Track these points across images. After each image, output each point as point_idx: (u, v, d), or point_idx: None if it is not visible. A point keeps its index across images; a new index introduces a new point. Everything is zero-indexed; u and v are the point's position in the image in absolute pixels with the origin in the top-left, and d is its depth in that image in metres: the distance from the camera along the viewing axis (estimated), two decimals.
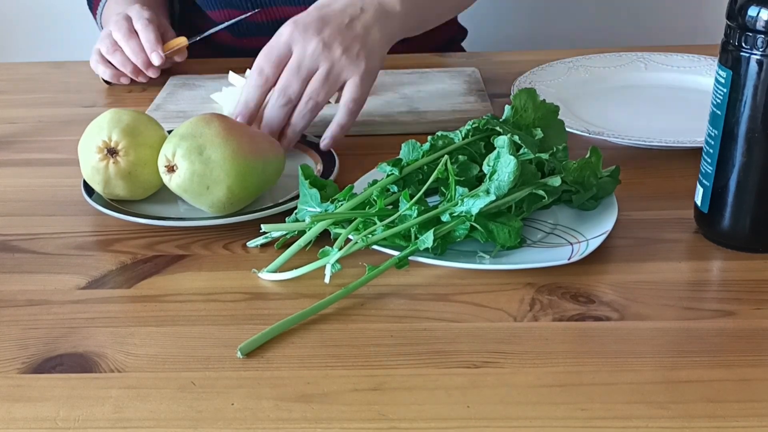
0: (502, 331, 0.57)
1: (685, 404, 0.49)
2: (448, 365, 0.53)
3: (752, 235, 0.64)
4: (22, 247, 0.68)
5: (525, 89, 0.71)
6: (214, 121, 0.67)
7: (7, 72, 1.13)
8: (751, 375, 0.52)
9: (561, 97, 0.92)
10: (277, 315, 0.58)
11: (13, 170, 0.83)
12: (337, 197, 0.66)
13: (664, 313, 0.58)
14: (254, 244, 0.67)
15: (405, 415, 0.49)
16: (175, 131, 0.67)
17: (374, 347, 0.55)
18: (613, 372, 0.52)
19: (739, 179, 0.62)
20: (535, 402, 0.50)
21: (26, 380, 0.53)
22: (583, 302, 0.59)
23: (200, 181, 0.66)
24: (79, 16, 1.68)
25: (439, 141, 0.68)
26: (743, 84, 0.60)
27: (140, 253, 0.67)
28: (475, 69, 1.03)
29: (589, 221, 0.67)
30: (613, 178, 0.70)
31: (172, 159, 0.66)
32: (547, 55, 1.04)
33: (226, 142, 0.66)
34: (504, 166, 0.61)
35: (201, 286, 0.63)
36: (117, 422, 0.50)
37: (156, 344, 0.56)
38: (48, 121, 0.95)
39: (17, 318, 0.60)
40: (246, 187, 0.67)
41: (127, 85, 1.05)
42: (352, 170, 0.78)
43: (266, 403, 0.51)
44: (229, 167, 0.66)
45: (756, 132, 0.60)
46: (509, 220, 0.63)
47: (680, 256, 0.65)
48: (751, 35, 0.58)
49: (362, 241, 0.61)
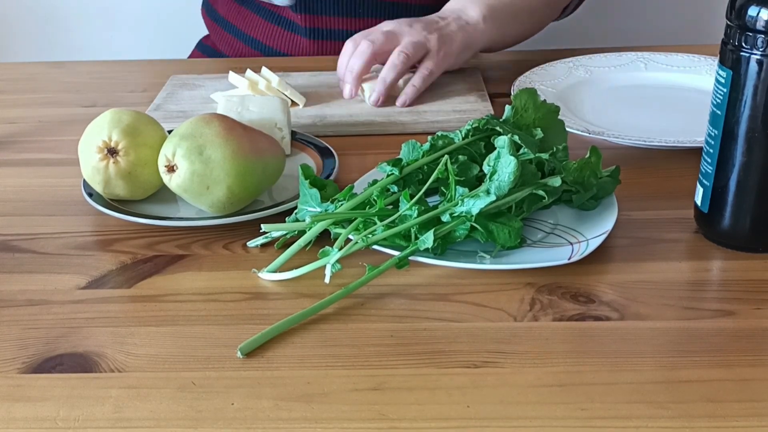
0: (502, 331, 0.57)
1: (685, 404, 0.50)
2: (448, 365, 0.53)
3: (752, 235, 0.64)
4: (22, 247, 0.68)
5: (525, 89, 0.71)
6: (214, 121, 0.67)
7: (7, 72, 1.13)
8: (751, 375, 0.52)
9: (561, 97, 0.92)
10: (277, 315, 0.58)
11: (13, 170, 0.83)
12: (337, 197, 0.66)
13: (664, 313, 0.58)
14: (254, 244, 0.67)
15: (405, 415, 0.49)
16: (175, 131, 0.67)
17: (374, 347, 0.55)
18: (613, 372, 0.52)
19: (739, 179, 0.62)
20: (535, 402, 0.50)
21: (26, 380, 0.53)
22: (583, 302, 0.59)
23: (200, 181, 0.66)
24: (79, 16, 1.69)
25: (439, 141, 0.68)
26: (743, 84, 0.60)
27: (140, 253, 0.67)
28: (475, 69, 1.03)
29: (589, 221, 0.67)
30: (613, 178, 0.70)
31: (172, 159, 0.66)
32: (547, 55, 1.04)
33: (226, 142, 0.66)
34: (504, 166, 0.61)
35: (201, 286, 0.63)
36: (117, 422, 0.50)
37: (156, 344, 0.56)
38: (48, 121, 0.95)
39: (17, 318, 0.60)
40: (246, 187, 0.67)
41: (127, 85, 1.05)
42: (352, 170, 0.78)
43: (266, 403, 0.51)
44: (229, 167, 0.66)
45: (756, 132, 0.60)
46: (509, 221, 0.63)
47: (680, 256, 0.65)
48: (751, 35, 0.58)
49: (362, 241, 0.61)
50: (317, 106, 0.94)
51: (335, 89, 0.98)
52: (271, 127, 0.80)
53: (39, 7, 1.68)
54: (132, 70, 1.12)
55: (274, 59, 1.12)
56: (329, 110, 0.93)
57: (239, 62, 1.10)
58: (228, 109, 0.81)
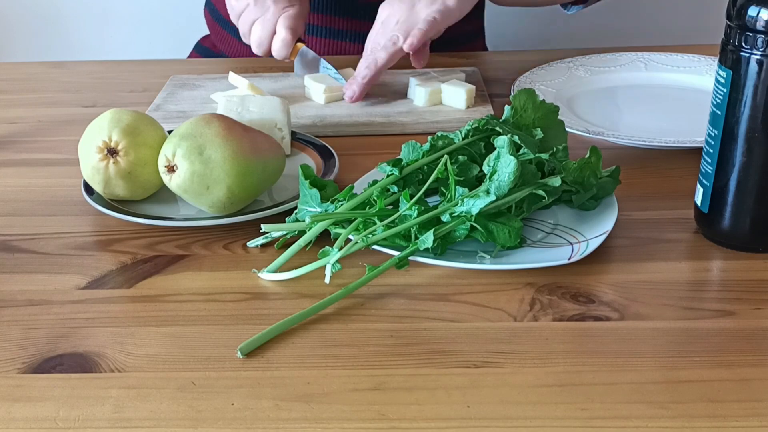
0: (502, 331, 0.57)
1: (685, 404, 0.50)
2: (448, 365, 0.53)
3: (752, 235, 0.64)
4: (22, 247, 0.68)
5: (525, 89, 0.71)
6: (214, 122, 0.67)
7: (7, 72, 1.13)
8: (751, 375, 0.52)
9: (561, 97, 0.92)
10: (277, 315, 0.58)
11: (13, 170, 0.83)
12: (337, 197, 0.66)
13: (664, 313, 0.58)
14: (254, 244, 0.67)
15: (405, 415, 0.49)
16: (175, 131, 0.67)
17: (374, 347, 0.55)
18: (613, 372, 0.52)
19: (739, 179, 0.62)
20: (535, 402, 0.50)
21: (26, 380, 0.53)
22: (583, 302, 0.59)
23: (200, 181, 0.66)
24: (79, 16, 1.69)
25: (439, 141, 0.68)
26: (743, 84, 0.60)
27: (140, 253, 0.67)
28: (475, 69, 1.03)
29: (589, 221, 0.67)
30: (613, 178, 0.70)
31: (172, 159, 0.66)
32: (547, 55, 1.04)
33: (226, 142, 0.66)
34: (504, 167, 0.61)
35: (201, 286, 0.63)
36: (117, 422, 0.50)
37: (156, 344, 0.56)
38: (48, 121, 0.95)
39: (17, 318, 0.60)
40: (246, 187, 0.67)
41: (127, 85, 1.05)
42: (352, 170, 0.78)
43: (266, 403, 0.51)
44: (229, 167, 0.66)
45: (756, 132, 0.60)
46: (509, 221, 0.63)
47: (680, 256, 0.65)
48: (751, 35, 0.58)
49: (362, 241, 0.61)
50: (317, 105, 0.94)
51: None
52: (271, 127, 0.80)
53: (39, 7, 1.68)
54: (132, 70, 1.12)
55: (273, 59, 1.12)
56: (329, 110, 0.93)
57: (239, 62, 1.10)
58: (228, 109, 0.81)
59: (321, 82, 0.95)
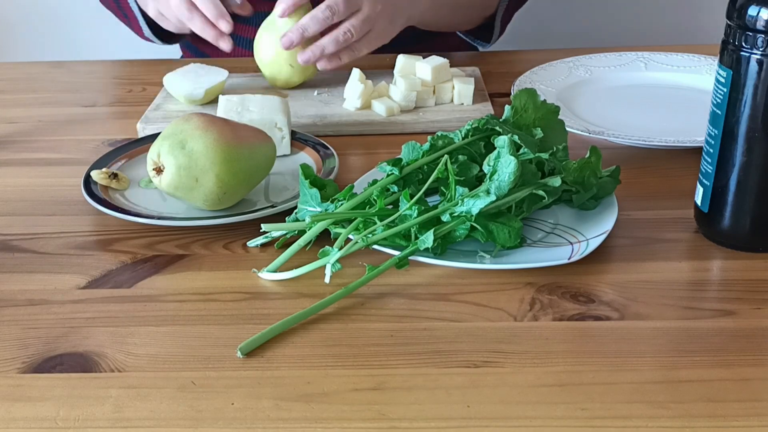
0: (502, 330, 0.57)
1: (685, 404, 0.50)
2: (448, 365, 0.53)
3: (752, 235, 0.64)
4: (22, 247, 0.68)
5: (525, 89, 0.71)
6: (193, 118, 0.68)
7: (7, 72, 1.13)
8: (751, 375, 0.52)
9: (561, 97, 0.92)
10: (277, 315, 0.58)
11: (13, 170, 0.83)
12: (337, 197, 0.66)
13: (664, 312, 0.58)
14: (254, 244, 0.67)
15: (405, 414, 0.49)
16: (158, 136, 0.68)
17: (374, 347, 0.55)
18: (613, 372, 0.52)
19: (739, 179, 0.62)
20: (535, 402, 0.50)
21: (26, 380, 0.53)
22: (583, 302, 0.59)
23: (188, 174, 0.66)
24: (79, 16, 1.69)
25: (439, 141, 0.68)
26: (743, 83, 0.60)
27: (140, 253, 0.67)
28: (475, 69, 1.03)
29: (589, 221, 0.67)
30: (613, 178, 0.70)
31: (158, 160, 0.66)
32: (547, 55, 1.04)
33: (206, 132, 0.66)
34: (504, 166, 0.61)
35: (201, 285, 0.63)
36: (117, 422, 0.50)
37: (156, 344, 0.56)
38: (48, 121, 0.95)
39: (17, 318, 0.60)
40: (235, 174, 0.67)
41: (127, 85, 1.05)
42: (352, 170, 0.78)
43: (266, 402, 0.51)
44: (213, 155, 0.66)
45: (756, 131, 0.60)
46: (509, 221, 0.63)
47: (680, 256, 0.65)
48: (751, 35, 0.58)
49: (362, 241, 0.61)
50: (316, 106, 0.94)
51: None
52: (271, 127, 0.80)
53: (39, 7, 1.68)
54: (132, 70, 1.12)
55: None
56: (329, 110, 0.93)
57: (238, 62, 1.10)
58: (228, 109, 0.82)
59: None
